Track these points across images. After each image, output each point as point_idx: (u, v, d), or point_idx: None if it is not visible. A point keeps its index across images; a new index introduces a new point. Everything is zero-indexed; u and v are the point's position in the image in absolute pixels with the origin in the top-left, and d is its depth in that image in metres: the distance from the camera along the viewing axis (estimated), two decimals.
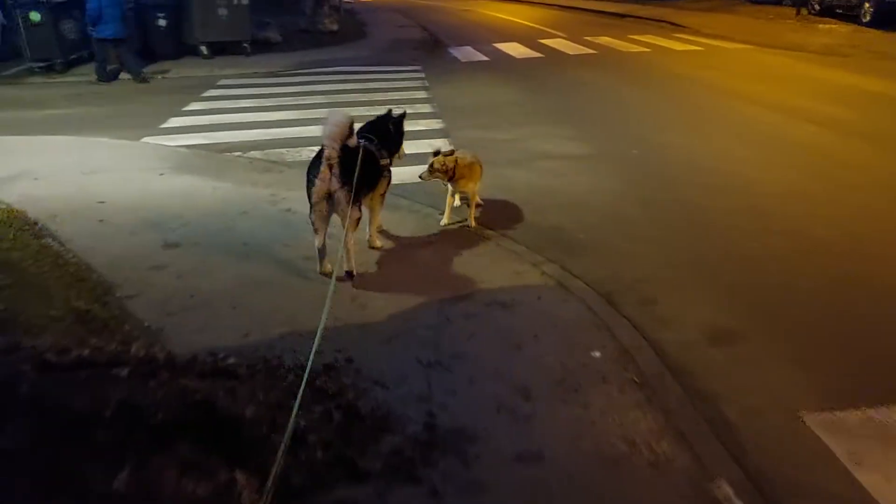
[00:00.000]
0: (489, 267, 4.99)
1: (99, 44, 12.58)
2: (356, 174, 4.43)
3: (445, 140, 8.62)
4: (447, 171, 5.58)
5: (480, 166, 5.87)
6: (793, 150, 8.14)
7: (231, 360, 3.70)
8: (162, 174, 7.15)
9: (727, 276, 5.02)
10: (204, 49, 15.14)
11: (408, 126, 9.54)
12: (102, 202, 6.24)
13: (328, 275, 4.56)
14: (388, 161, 5.05)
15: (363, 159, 4.55)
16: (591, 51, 16.28)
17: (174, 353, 3.68)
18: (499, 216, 6.15)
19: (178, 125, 9.69)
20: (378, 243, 5.26)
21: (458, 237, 5.58)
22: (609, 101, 11.12)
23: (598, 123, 9.60)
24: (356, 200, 4.48)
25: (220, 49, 15.47)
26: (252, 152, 8.26)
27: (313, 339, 3.17)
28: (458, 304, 4.44)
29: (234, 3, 15.18)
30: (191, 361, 3.58)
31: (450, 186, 5.79)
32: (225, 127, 9.52)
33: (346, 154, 4.44)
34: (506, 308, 4.38)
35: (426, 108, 10.60)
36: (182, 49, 15.23)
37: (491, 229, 5.80)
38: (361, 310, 4.36)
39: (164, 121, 9.83)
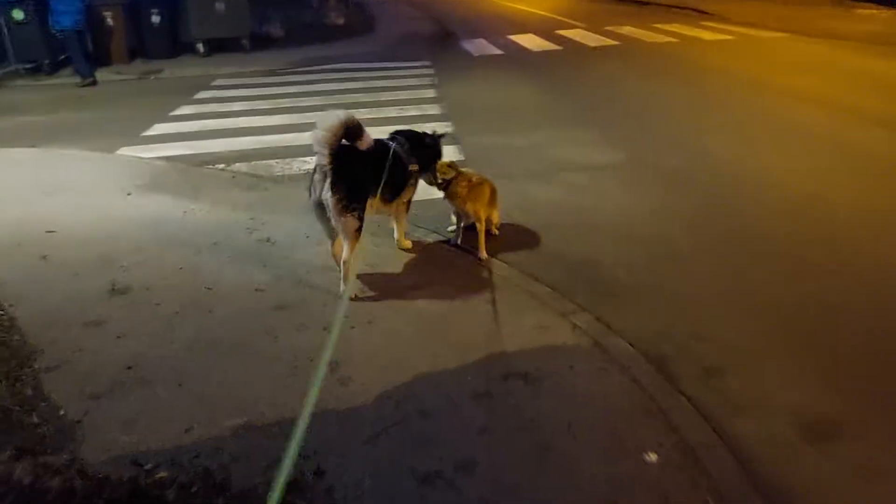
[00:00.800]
0: (506, 318, 4.00)
1: (64, 36, 11.75)
2: (355, 179, 4.20)
3: (455, 148, 7.62)
4: (441, 182, 4.78)
5: (492, 190, 4.93)
6: (859, 159, 7.05)
7: (160, 475, 2.75)
8: (130, 194, 6.22)
9: (809, 330, 3.99)
10: (200, 46, 14.23)
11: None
12: (52, 231, 5.32)
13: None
14: (418, 168, 4.72)
15: (379, 159, 4.41)
16: (613, 42, 15.17)
17: (85, 463, 2.73)
18: (518, 244, 5.16)
19: (161, 133, 8.77)
20: (407, 244, 5.01)
21: (468, 273, 4.61)
22: (638, 99, 10.05)
23: (627, 126, 8.54)
24: (353, 208, 4.14)
25: (218, 46, 14.56)
26: (238, 164, 7.31)
27: (276, 435, 2.56)
28: (465, 375, 3.46)
29: None
30: (103, 482, 2.62)
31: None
32: (212, 134, 8.58)
33: (344, 158, 4.11)
34: (529, 383, 3.40)
35: (434, 110, 9.60)
36: (178, 47, 14.32)
37: (507, 263, 4.80)
38: (342, 386, 3.40)
39: (148, 128, 8.91)
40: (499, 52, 14.59)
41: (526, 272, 4.67)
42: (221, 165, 7.29)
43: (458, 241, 5.07)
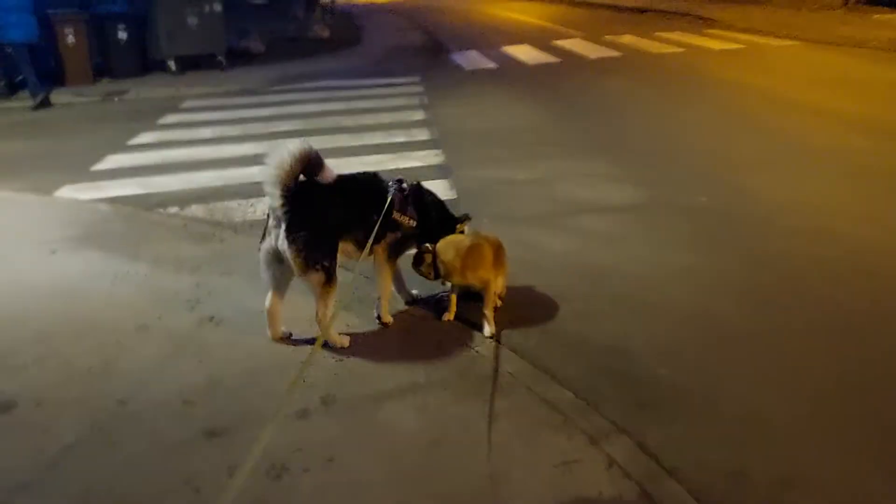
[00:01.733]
0: (516, 450, 2.96)
1: (15, 51, 10.67)
2: (319, 223, 3.57)
3: (445, 183, 6.58)
4: (430, 271, 3.91)
5: (495, 248, 3.98)
6: None
7: None
8: (55, 251, 5.17)
9: None
10: (172, 64, 13.19)
11: (399, 162, 7.66)
12: None
13: (282, 339, 3.85)
14: (410, 221, 3.93)
15: (353, 193, 3.81)
16: (614, 52, 14.20)
17: None
18: (527, 319, 4.13)
19: (114, 167, 7.71)
20: (387, 317, 4.04)
21: (465, 367, 3.59)
22: (650, 121, 9.04)
23: (643, 155, 7.52)
24: (317, 260, 3.54)
25: (192, 63, 13.52)
26: (193, 207, 6.26)
27: None
28: None
29: (205, 10, 13.22)
30: None
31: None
32: (171, 168, 7.53)
33: (302, 198, 3.48)
34: None
35: (423, 135, 8.57)
36: (147, 65, 13.28)
37: (515, 350, 3.76)
38: None
39: (99, 160, 7.86)
40: (492, 65, 13.60)
41: (539, 366, 3.62)
42: (174, 209, 6.24)
43: (451, 316, 4.03)
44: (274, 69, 13.83)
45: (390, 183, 3.95)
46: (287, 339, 3.89)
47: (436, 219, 4.06)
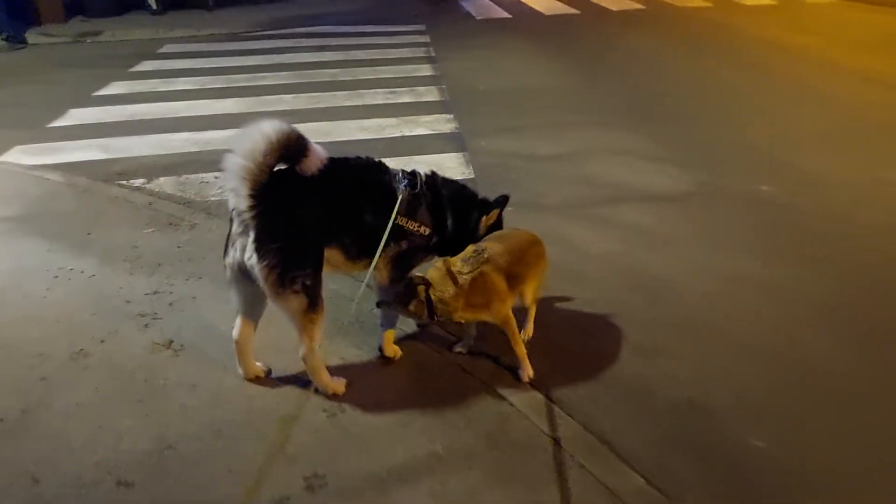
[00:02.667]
0: None
1: None
2: (297, 228, 2.68)
3: (460, 157, 5.62)
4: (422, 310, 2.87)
5: (516, 257, 3.00)
6: None
7: None
8: None
9: None
10: (152, 2, 11.99)
11: (404, 128, 6.63)
12: None
13: (257, 378, 2.97)
14: (421, 228, 2.98)
15: (341, 183, 2.86)
16: (637, 5, 13.02)
17: None
18: (569, 354, 3.26)
19: (74, 123, 6.71)
20: (392, 350, 3.15)
21: (494, 432, 2.73)
22: (687, 84, 8.02)
23: (682, 125, 6.55)
24: (295, 278, 2.65)
25: (176, 1, 12.31)
26: (162, 180, 5.30)
27: None
28: None
29: None
30: None
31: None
32: (140, 128, 6.54)
33: (276, 198, 2.61)
34: None
35: (432, 95, 7.55)
36: (126, 3, 12.08)
37: (558, 401, 2.89)
38: None
39: (60, 115, 6.86)
40: (505, 14, 12.42)
41: (593, 430, 2.75)
42: (139, 181, 5.27)
43: (467, 348, 3.18)
44: (265, 10, 12.67)
45: (398, 175, 3.01)
46: (265, 376, 3.00)
47: (456, 221, 3.10)
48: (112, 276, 3.81)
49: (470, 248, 2.94)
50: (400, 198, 2.90)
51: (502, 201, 3.18)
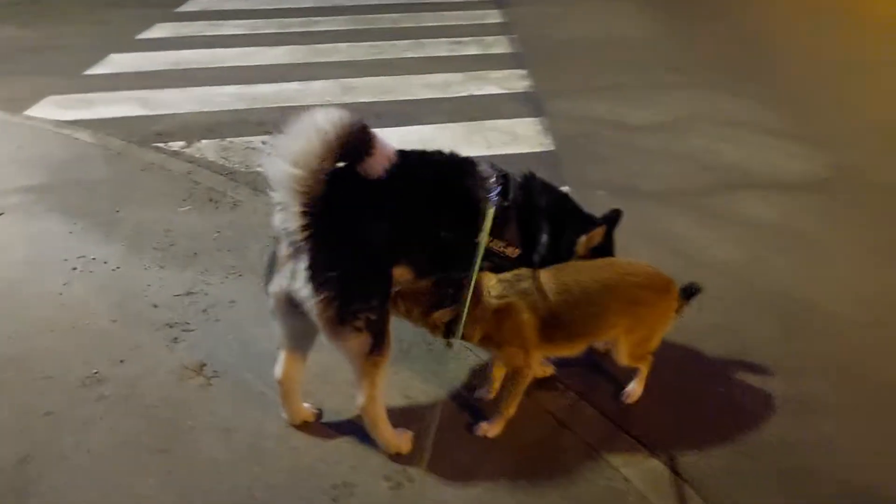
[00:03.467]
0: None
1: None
2: (360, 251, 2.08)
3: (536, 122, 4.88)
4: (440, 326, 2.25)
5: (597, 305, 2.27)
6: None
7: None
8: (1, 213, 3.69)
9: None
10: None
11: (471, 86, 5.80)
12: None
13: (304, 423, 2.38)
14: (509, 250, 2.35)
15: (420, 193, 2.23)
16: None
17: None
18: (696, 403, 2.57)
19: (113, 70, 6.15)
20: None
21: None
22: (811, 40, 6.97)
23: (805, 92, 5.65)
24: (358, 312, 2.05)
25: None
26: (204, 143, 4.70)
27: None
28: None
29: None
30: None
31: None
32: (184, 78, 5.94)
33: (335, 213, 1.99)
34: None
35: (502, 46, 6.75)
36: None
37: (689, 482, 2.23)
38: None
39: (99, 60, 6.30)
40: None
41: None
42: (178, 144, 4.68)
43: (492, 393, 2.51)
44: None
45: (488, 179, 2.34)
46: (315, 420, 2.41)
47: (551, 241, 2.42)
48: (139, 270, 3.25)
49: (512, 272, 2.27)
50: (489, 212, 2.25)
51: (613, 218, 2.46)
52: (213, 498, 2.12)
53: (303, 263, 2.02)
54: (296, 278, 2.05)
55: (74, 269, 3.24)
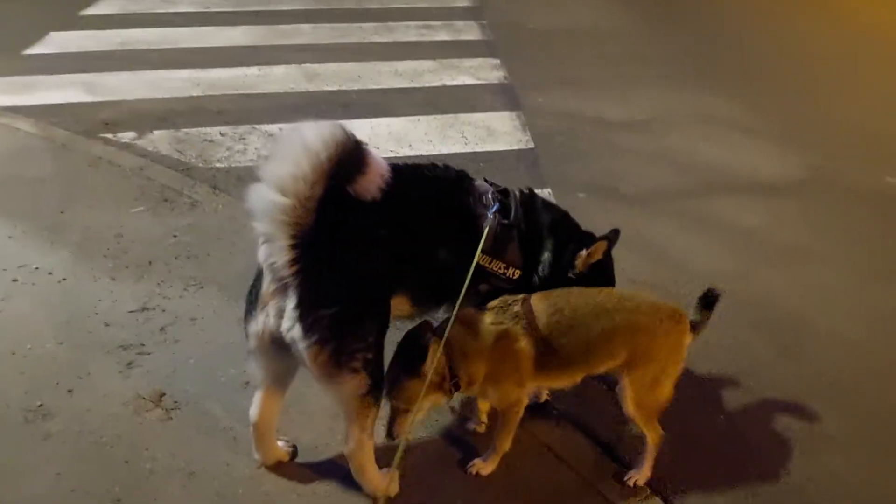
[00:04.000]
0: None
1: None
2: (354, 284, 1.86)
3: (512, 116, 4.68)
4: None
5: (598, 334, 2.05)
6: None
7: None
8: None
9: None
10: None
11: (444, 76, 5.51)
12: None
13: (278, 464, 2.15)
14: (509, 272, 2.15)
15: (416, 213, 2.05)
16: None
17: None
18: (687, 437, 2.45)
19: (55, 51, 5.73)
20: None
21: None
22: (786, 38, 6.91)
23: (782, 89, 5.57)
24: (355, 353, 1.84)
25: None
26: (157, 133, 4.37)
27: None
28: None
29: None
30: None
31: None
32: (133, 60, 5.55)
33: (331, 240, 1.81)
34: None
35: (472, 32, 6.52)
36: None
37: None
38: None
39: (39, 38, 5.85)
40: None
41: None
42: (129, 135, 4.34)
43: (477, 424, 2.34)
44: None
45: (485, 195, 2.17)
46: (289, 460, 2.19)
47: (553, 260, 2.22)
48: (88, 282, 2.96)
49: (499, 299, 2.09)
50: (486, 231, 2.04)
51: (612, 237, 2.25)
52: None
53: (291, 302, 1.80)
54: (283, 318, 1.82)
55: (15, 280, 2.93)
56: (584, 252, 2.21)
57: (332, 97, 4.87)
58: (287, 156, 1.69)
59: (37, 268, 3.02)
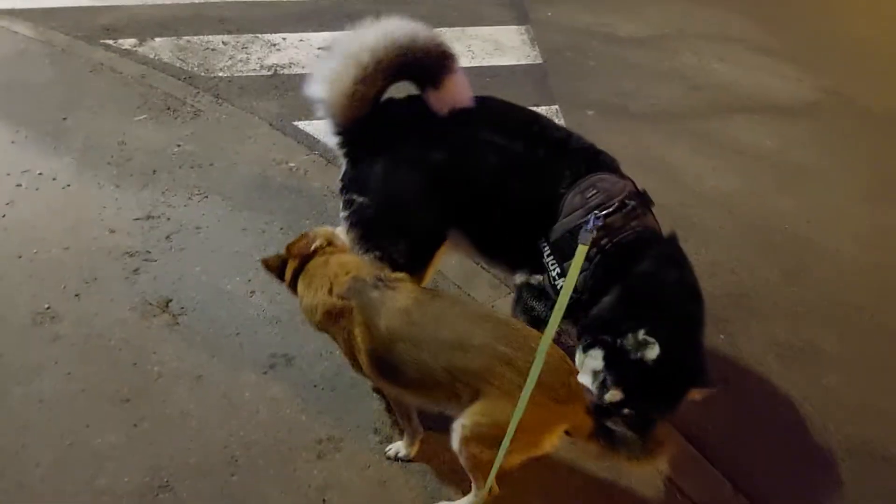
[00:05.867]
0: None
1: None
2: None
3: (521, 31, 4.55)
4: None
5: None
6: None
7: None
8: None
9: None
10: None
11: None
12: None
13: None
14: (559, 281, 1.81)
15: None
16: None
17: None
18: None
19: None
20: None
21: None
22: None
23: (796, 5, 5.35)
24: (381, 249, 1.93)
25: None
26: (158, 41, 4.26)
27: None
28: None
29: None
30: None
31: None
32: None
33: (374, 136, 1.91)
34: None
35: None
36: None
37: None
38: None
39: None
40: None
41: None
42: (130, 42, 4.23)
43: (410, 450, 1.97)
44: None
45: (591, 194, 1.79)
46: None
47: (609, 309, 1.78)
48: (93, 188, 2.94)
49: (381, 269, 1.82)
50: (580, 250, 1.53)
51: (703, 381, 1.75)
52: (183, 457, 1.94)
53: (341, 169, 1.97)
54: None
55: (19, 185, 2.92)
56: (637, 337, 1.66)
57: (336, 7, 4.72)
58: (336, 52, 1.81)
59: (40, 173, 3.00)
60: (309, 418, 2.07)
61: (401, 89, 1.95)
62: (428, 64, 1.81)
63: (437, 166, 1.85)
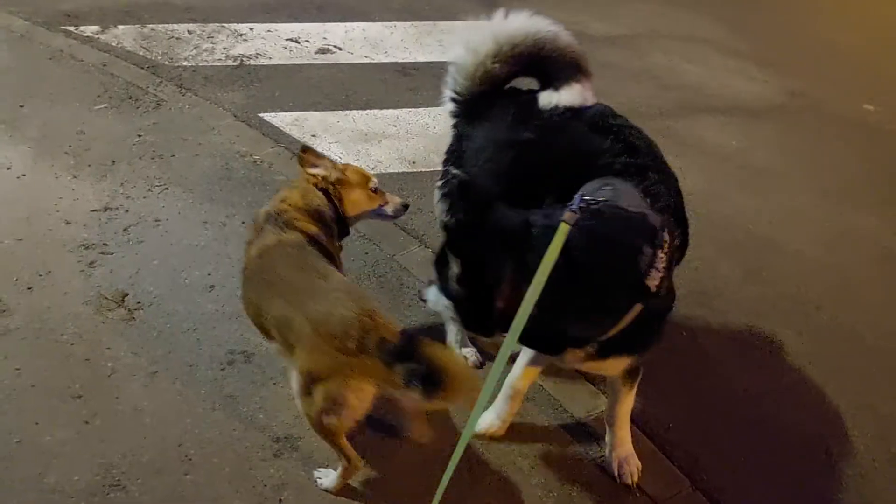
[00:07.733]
0: None
1: None
2: None
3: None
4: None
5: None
6: None
7: None
8: None
9: None
10: None
11: None
12: None
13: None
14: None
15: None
16: None
17: None
18: (667, 369, 2.40)
19: None
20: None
21: None
22: None
23: (765, 8, 5.43)
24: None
25: None
26: (120, 29, 4.17)
27: None
28: None
29: None
30: None
31: None
32: None
33: (480, 113, 2.05)
34: None
35: None
36: None
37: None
38: None
39: None
40: None
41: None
42: (92, 29, 4.13)
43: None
44: None
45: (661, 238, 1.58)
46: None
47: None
48: (49, 179, 2.87)
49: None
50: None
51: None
52: (136, 454, 1.89)
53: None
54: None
55: None
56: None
57: None
58: (483, 28, 2.00)
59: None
60: (266, 416, 2.03)
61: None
62: (556, 66, 1.93)
63: (527, 146, 1.87)
